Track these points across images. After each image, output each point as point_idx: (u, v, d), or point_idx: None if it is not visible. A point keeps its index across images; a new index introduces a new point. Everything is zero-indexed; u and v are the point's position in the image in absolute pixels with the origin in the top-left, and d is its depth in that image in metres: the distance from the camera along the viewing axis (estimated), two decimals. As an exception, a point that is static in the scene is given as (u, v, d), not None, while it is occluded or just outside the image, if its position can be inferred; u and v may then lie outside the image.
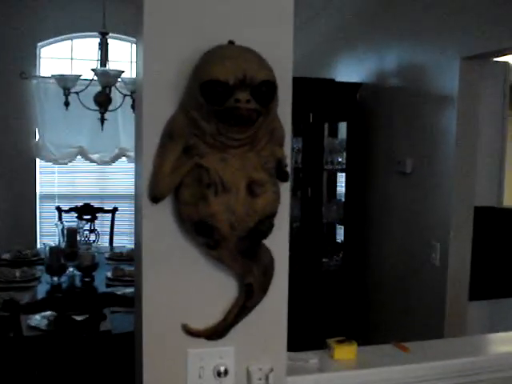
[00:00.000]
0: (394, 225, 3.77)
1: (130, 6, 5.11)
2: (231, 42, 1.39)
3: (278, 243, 1.52)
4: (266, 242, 1.47)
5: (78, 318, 2.54)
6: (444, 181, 3.23)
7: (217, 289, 1.49)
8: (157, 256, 1.45)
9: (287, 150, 1.50)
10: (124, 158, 6.21)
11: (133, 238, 5.56)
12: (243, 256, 1.44)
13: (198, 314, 1.48)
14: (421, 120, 3.47)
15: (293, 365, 1.70)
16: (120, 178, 6.34)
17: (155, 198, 1.40)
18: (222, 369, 1.50)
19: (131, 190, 6.00)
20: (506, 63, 3.63)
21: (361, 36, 4.19)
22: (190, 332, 1.47)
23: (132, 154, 6.07)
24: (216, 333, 1.48)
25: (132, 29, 5.14)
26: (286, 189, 1.50)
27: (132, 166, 6.14)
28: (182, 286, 1.47)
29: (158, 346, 1.47)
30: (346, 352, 1.83)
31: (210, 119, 1.33)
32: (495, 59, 3.30)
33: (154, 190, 1.40)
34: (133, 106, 4.58)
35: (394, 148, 3.75)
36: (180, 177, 1.37)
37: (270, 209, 1.42)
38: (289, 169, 1.49)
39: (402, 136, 3.66)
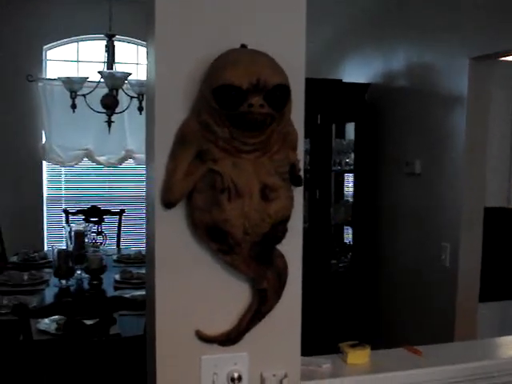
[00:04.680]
0: (403, 226, 3.75)
1: (136, 7, 5.14)
2: (244, 46, 1.37)
3: (292, 248, 1.51)
4: (280, 246, 1.46)
5: (88, 322, 2.54)
6: (454, 181, 3.21)
7: (230, 294, 1.48)
8: (170, 261, 1.44)
9: (300, 154, 1.48)
10: (131, 160, 6.20)
11: (140, 240, 5.54)
12: (257, 261, 1.42)
13: (211, 319, 1.47)
14: (430, 121, 3.45)
15: (306, 370, 1.68)
16: (127, 180, 6.34)
17: (168, 204, 1.39)
18: (236, 375, 1.49)
19: (138, 192, 5.99)
20: (515, 63, 3.61)
21: (369, 36, 4.17)
22: (203, 338, 1.46)
23: (139, 155, 6.07)
24: (230, 339, 1.47)
25: (138, 31, 5.14)
26: (299, 193, 1.49)
27: (139, 168, 6.15)
28: (195, 291, 1.45)
29: (171, 352, 1.46)
30: (359, 356, 1.82)
31: (223, 124, 1.32)
32: (504, 59, 3.27)
33: (167, 195, 1.39)
34: (140, 108, 4.59)
35: (403, 149, 3.73)
36: (193, 182, 1.36)
37: (283, 213, 1.41)
38: (302, 173, 1.48)
39: (411, 137, 3.64)
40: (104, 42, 4.51)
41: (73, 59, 6.10)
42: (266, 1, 1.46)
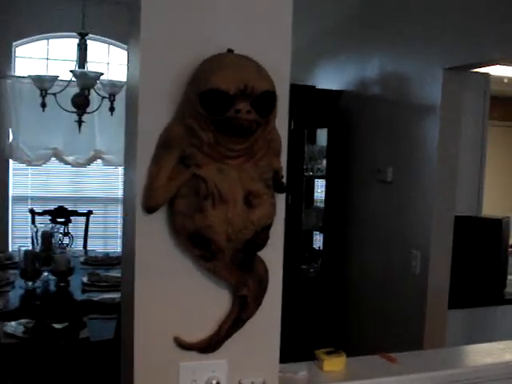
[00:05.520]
0: (374, 233, 3.78)
1: (109, 7, 5.06)
2: (230, 51, 1.36)
3: (273, 255, 1.50)
4: (260, 253, 1.45)
5: (57, 326, 2.49)
6: (425, 190, 3.25)
7: (210, 301, 1.46)
8: (150, 267, 1.41)
9: (283, 161, 1.48)
10: (99, 161, 6.12)
11: (107, 242, 5.45)
12: (238, 268, 1.41)
13: (190, 326, 1.45)
14: (402, 129, 3.49)
15: (282, 377, 1.67)
16: (95, 181, 6.25)
17: (150, 209, 1.37)
18: (215, 382, 1.47)
19: (106, 194, 5.89)
20: (486, 74, 3.68)
21: (343, 44, 4.20)
22: (182, 345, 1.44)
23: (108, 156, 6.00)
24: (209, 346, 1.46)
25: (110, 31, 5.07)
26: (281, 200, 1.49)
27: (108, 168, 6.07)
28: (175, 298, 1.44)
29: (149, 358, 1.43)
30: (335, 364, 1.82)
31: (208, 129, 1.30)
32: (476, 70, 3.33)
33: (148, 200, 1.36)
34: (111, 109, 4.53)
35: (375, 156, 3.76)
36: (176, 187, 1.34)
37: (266, 220, 1.41)
38: (284, 180, 1.48)
39: (384, 145, 3.68)
40: (75, 41, 4.44)
41: (42, 57, 5.99)
42: (253, 7, 1.45)
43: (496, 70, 3.71)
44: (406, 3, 3.48)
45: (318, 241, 4.92)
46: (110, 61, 6.13)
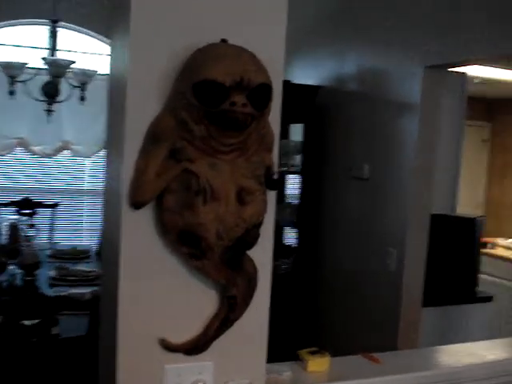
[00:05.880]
0: (349, 230, 3.77)
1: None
2: (224, 41, 1.31)
3: (262, 253, 1.45)
4: (250, 251, 1.40)
5: (28, 323, 2.39)
6: (402, 188, 3.24)
7: (197, 301, 1.41)
8: (135, 266, 1.35)
9: (275, 156, 1.43)
10: (67, 151, 5.96)
11: (73, 235, 5.28)
12: (227, 267, 1.36)
13: (176, 327, 1.39)
14: (380, 126, 3.47)
15: (267, 378, 1.63)
16: (62, 172, 6.09)
17: (137, 204, 1.31)
18: (200, 385, 1.42)
19: (73, 185, 5.71)
20: (464, 74, 3.69)
21: (321, 38, 4.16)
22: (167, 347, 1.38)
23: (76, 147, 5.85)
24: (196, 347, 1.40)
25: (81, 18, 4.92)
26: (272, 197, 1.44)
27: (76, 159, 5.93)
28: (161, 298, 1.38)
29: (133, 361, 1.37)
30: (319, 364, 1.79)
31: (201, 122, 1.24)
32: (453, 69, 3.34)
33: (136, 195, 1.30)
34: (82, 98, 4.41)
35: (352, 153, 3.74)
36: (166, 182, 1.28)
37: (257, 218, 1.36)
38: (276, 176, 1.43)
39: (361, 141, 3.66)
40: (45, 28, 4.31)
41: (11, 44, 5.81)
42: (247, -5, 1.39)
43: (467, 70, 3.73)
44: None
45: (289, 237, 4.89)
46: (80, 50, 5.98)
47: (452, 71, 3.39)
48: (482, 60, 3.19)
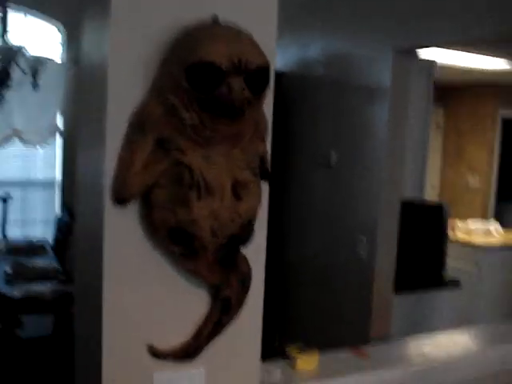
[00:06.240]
0: (317, 218, 3.69)
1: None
2: (215, 18, 1.19)
3: (255, 249, 1.35)
4: (242, 248, 1.30)
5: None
6: (370, 174, 3.18)
7: (187, 303, 1.30)
8: (120, 266, 1.23)
9: (267, 145, 1.33)
10: (17, 140, 5.69)
11: (28, 228, 5.05)
12: (221, 266, 1.26)
13: (165, 333, 1.28)
14: (347, 112, 3.40)
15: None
16: (13, 162, 5.82)
17: (122, 200, 1.18)
18: (192, 393, 1.31)
19: (26, 176, 5.45)
20: (432, 62, 3.65)
21: (284, 22, 4.05)
22: (156, 353, 1.27)
23: (27, 136, 5.59)
24: (186, 353, 1.29)
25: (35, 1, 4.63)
26: (265, 189, 1.33)
27: (27, 149, 5.68)
28: (148, 300, 1.26)
29: (119, 369, 1.25)
30: (308, 362, 1.71)
31: (193, 108, 1.13)
32: (422, 57, 3.29)
33: (120, 190, 1.18)
34: (33, 85, 4.20)
35: (318, 140, 3.66)
36: (155, 175, 1.16)
37: (253, 212, 1.26)
38: (268, 166, 1.33)
39: (327, 128, 3.58)
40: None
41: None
42: (237, -30, 1.28)
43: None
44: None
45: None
46: (30, 34, 5.70)
47: (421, 58, 3.34)
48: (452, 44, 3.16)
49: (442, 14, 2.83)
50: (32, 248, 4.46)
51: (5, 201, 5.29)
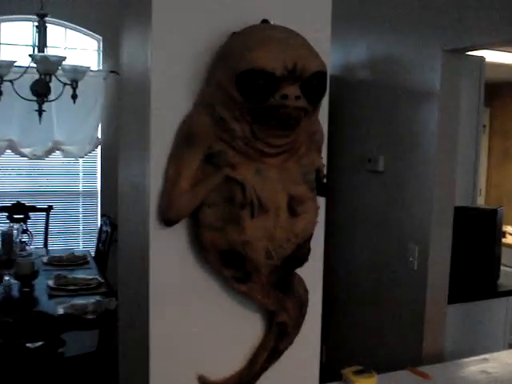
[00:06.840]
0: (365, 227, 3.56)
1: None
2: (265, 21, 1.09)
3: (312, 270, 1.25)
4: (298, 270, 1.19)
5: (32, 346, 2.18)
6: (422, 180, 3.04)
7: (240, 330, 1.20)
8: (168, 291, 1.14)
9: (324, 157, 1.22)
10: (58, 152, 5.72)
11: (70, 240, 5.01)
12: (276, 289, 1.15)
13: (217, 361, 1.19)
14: (396, 115, 3.27)
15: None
16: (54, 174, 5.84)
17: (169, 221, 1.09)
18: (246, 427, 1.22)
19: (67, 187, 5.44)
20: (481, 58, 3.49)
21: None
22: (207, 385, 1.18)
23: (67, 147, 5.61)
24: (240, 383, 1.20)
25: (67, 13, 4.63)
26: (322, 205, 1.23)
27: (68, 160, 5.69)
28: (198, 327, 1.17)
29: (168, 403, 1.17)
30: (366, 386, 1.60)
31: (244, 120, 1.03)
32: (471, 53, 3.14)
33: (168, 210, 1.09)
34: (73, 96, 4.18)
35: (365, 145, 3.53)
36: (204, 193, 1.07)
37: (309, 231, 1.15)
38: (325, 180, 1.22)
39: (374, 132, 3.45)
40: (31, 24, 4.06)
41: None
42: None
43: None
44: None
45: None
46: (67, 46, 5.73)
47: (471, 55, 3.19)
48: (503, 43, 2.99)
49: (492, 12, 2.69)
50: (74, 260, 4.44)
51: (47, 212, 5.31)
